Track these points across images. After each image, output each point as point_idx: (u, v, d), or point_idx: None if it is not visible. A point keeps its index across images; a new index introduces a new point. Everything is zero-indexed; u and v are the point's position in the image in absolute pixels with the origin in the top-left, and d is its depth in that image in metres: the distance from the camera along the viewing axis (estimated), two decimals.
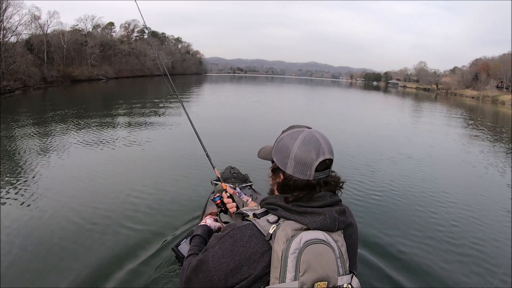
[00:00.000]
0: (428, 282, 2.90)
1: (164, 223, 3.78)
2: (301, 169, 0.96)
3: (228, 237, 0.98)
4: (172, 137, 8.86)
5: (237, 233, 0.97)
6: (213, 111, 15.55)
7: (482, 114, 27.56)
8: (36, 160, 6.17)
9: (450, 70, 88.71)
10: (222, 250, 0.97)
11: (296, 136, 0.99)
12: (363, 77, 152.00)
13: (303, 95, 34.25)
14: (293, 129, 1.03)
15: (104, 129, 9.44)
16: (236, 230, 0.98)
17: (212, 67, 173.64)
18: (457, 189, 5.53)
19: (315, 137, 0.99)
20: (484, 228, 4.00)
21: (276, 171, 1.04)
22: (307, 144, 0.97)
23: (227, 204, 1.59)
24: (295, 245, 0.90)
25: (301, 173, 0.97)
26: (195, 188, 4.86)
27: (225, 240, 0.98)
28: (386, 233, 3.74)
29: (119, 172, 5.69)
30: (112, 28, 63.08)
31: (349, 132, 11.39)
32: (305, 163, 0.96)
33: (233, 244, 0.96)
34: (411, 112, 24.33)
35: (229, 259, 0.95)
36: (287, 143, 1.00)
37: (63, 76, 38.11)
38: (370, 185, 5.41)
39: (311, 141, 0.97)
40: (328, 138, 1.01)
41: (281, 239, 0.91)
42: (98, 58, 48.56)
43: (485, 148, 10.29)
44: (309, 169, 0.96)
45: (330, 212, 0.96)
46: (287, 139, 1.01)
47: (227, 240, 0.98)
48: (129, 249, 3.20)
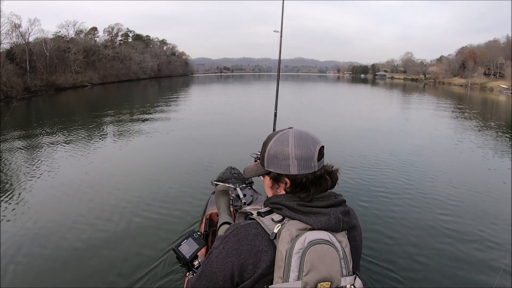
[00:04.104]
0: (428, 282, 2.92)
1: (165, 224, 3.84)
2: (305, 164, 0.97)
3: (232, 236, 0.97)
4: (167, 142, 8.83)
5: (241, 232, 0.96)
6: (206, 112, 15.50)
7: (484, 103, 27.97)
8: (24, 176, 6.01)
9: (437, 60, 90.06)
10: (227, 250, 0.96)
11: (285, 138, 1.00)
12: (351, 71, 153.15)
13: (291, 92, 34.25)
14: (276, 135, 1.03)
15: (94, 137, 9.36)
16: (240, 228, 0.98)
17: (199, 68, 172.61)
18: (457, 187, 5.42)
19: (303, 132, 1.01)
20: (484, 228, 3.99)
21: (278, 178, 1.02)
22: (301, 140, 0.98)
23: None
24: (299, 245, 0.90)
25: (307, 168, 0.97)
26: (195, 189, 4.93)
27: (229, 239, 0.97)
28: (386, 234, 3.76)
29: (118, 177, 5.69)
30: (96, 33, 62.24)
31: (338, 127, 11.47)
32: (307, 157, 0.97)
33: (237, 242, 0.95)
34: (405, 103, 24.61)
35: (234, 258, 0.94)
36: (280, 148, 0.99)
37: (47, 85, 37.21)
38: (370, 185, 5.42)
39: (302, 136, 0.99)
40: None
41: (285, 239, 0.91)
42: (82, 65, 47.80)
43: (486, 140, 10.00)
44: (312, 160, 0.97)
45: (335, 213, 0.96)
46: (277, 145, 1.00)
47: (231, 239, 0.97)
48: (130, 250, 3.28)
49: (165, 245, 3.26)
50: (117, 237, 3.58)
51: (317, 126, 10.93)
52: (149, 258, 3.06)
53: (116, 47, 62.42)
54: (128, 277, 2.81)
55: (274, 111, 3.80)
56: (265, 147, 1.04)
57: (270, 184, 1.05)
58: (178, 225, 3.73)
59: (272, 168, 1.02)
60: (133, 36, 75.92)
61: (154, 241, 3.38)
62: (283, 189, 1.02)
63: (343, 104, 22.06)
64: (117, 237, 3.58)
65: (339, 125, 11.81)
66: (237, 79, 76.77)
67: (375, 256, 3.21)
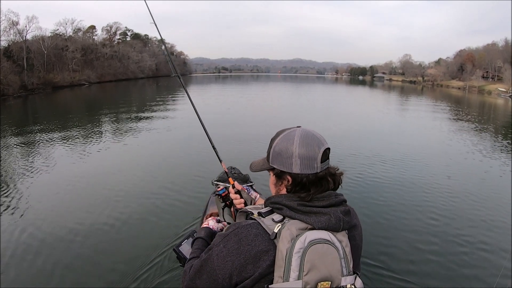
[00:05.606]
0: (428, 282, 2.93)
1: (165, 224, 3.84)
2: (308, 164, 0.98)
3: (233, 235, 0.98)
4: (167, 141, 8.79)
5: (242, 232, 0.97)
6: (204, 113, 15.33)
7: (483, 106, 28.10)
8: (23, 174, 6.00)
9: (435, 62, 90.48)
10: (227, 249, 0.97)
11: (291, 136, 1.01)
12: (349, 72, 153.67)
13: (289, 95, 34.26)
14: (283, 132, 1.05)
15: (93, 137, 9.30)
16: (241, 228, 0.98)
17: (197, 68, 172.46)
18: (457, 188, 5.41)
19: (309, 132, 1.02)
20: (484, 228, 4.00)
21: (281, 175, 1.03)
22: (306, 139, 0.99)
23: (235, 200, 1.58)
24: (300, 245, 0.90)
25: (309, 168, 0.98)
26: (196, 188, 4.92)
27: (230, 239, 0.98)
28: (386, 234, 3.77)
29: (117, 176, 5.69)
30: (94, 31, 61.97)
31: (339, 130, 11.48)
32: (311, 157, 0.98)
33: (238, 242, 0.96)
34: (403, 105, 24.68)
35: (234, 258, 0.95)
36: (285, 145, 1.01)
37: (44, 83, 37.09)
38: (370, 185, 5.42)
39: (308, 136, 1.00)
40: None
41: (285, 238, 0.91)
42: (79, 63, 47.66)
43: (485, 142, 10.01)
44: (315, 161, 0.98)
45: (335, 212, 0.97)
46: (283, 142, 1.02)
47: (232, 238, 0.98)
48: (130, 250, 3.28)
49: (165, 245, 3.25)
50: (117, 236, 3.57)
51: (316, 126, 10.90)
52: (149, 258, 3.05)
53: (114, 46, 62.26)
54: (128, 277, 2.81)
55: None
56: (272, 143, 1.06)
57: (274, 180, 1.07)
58: (178, 225, 3.72)
59: (276, 164, 1.03)
60: (131, 35, 75.79)
61: (154, 241, 3.37)
62: (285, 186, 1.03)
63: (343, 106, 22.07)
64: (117, 236, 3.57)
65: (339, 125, 11.83)
66: (235, 79, 76.69)
67: (375, 256, 3.21)
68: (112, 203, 4.44)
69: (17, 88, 30.09)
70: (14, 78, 30.86)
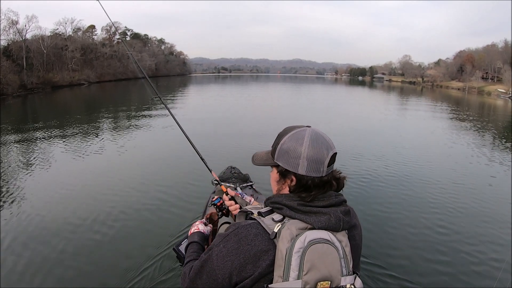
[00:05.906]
0: (428, 282, 2.93)
1: (164, 223, 3.85)
2: (315, 167, 0.97)
3: (233, 235, 0.98)
4: (167, 140, 8.76)
5: (242, 232, 0.97)
6: (204, 112, 15.44)
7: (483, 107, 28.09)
8: (22, 173, 5.99)
9: (435, 63, 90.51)
10: (227, 249, 0.97)
11: (301, 136, 0.99)
12: (348, 72, 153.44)
13: (289, 95, 34.25)
14: (293, 130, 1.02)
15: (92, 137, 9.26)
16: (241, 228, 0.98)
17: (196, 68, 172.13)
18: (457, 189, 5.42)
19: (320, 134, 1.00)
20: (484, 228, 4.00)
21: (285, 174, 1.01)
22: (316, 142, 0.98)
23: (230, 207, 1.57)
24: (300, 244, 0.90)
25: (315, 171, 0.97)
26: (196, 188, 4.92)
27: (230, 239, 0.98)
28: (386, 234, 3.77)
29: (117, 175, 5.69)
30: (93, 31, 61.87)
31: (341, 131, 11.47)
32: (318, 160, 0.96)
33: (238, 242, 0.96)
34: (405, 106, 24.68)
35: (234, 257, 0.95)
36: (294, 145, 0.99)
37: (43, 83, 37.02)
38: (371, 185, 5.42)
39: (318, 138, 0.99)
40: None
41: (285, 238, 0.91)
42: (79, 63, 47.57)
43: (488, 145, 9.98)
44: (322, 165, 0.97)
45: (335, 212, 0.96)
46: (292, 141, 1.00)
47: (232, 238, 0.97)
48: (130, 249, 3.29)
49: (165, 245, 3.26)
50: (116, 236, 3.57)
51: (316, 126, 10.88)
52: (149, 258, 3.05)
53: (114, 46, 62.18)
54: (127, 277, 2.81)
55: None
56: (279, 140, 1.03)
57: (277, 178, 1.05)
58: (178, 225, 3.72)
59: (281, 162, 1.01)
60: (131, 34, 75.70)
61: (154, 241, 3.37)
62: (288, 185, 1.02)
63: (343, 107, 22.08)
64: (116, 236, 3.57)
65: (340, 125, 11.83)
66: (235, 79, 76.64)
67: (375, 256, 3.21)
68: (112, 202, 4.44)
69: (16, 88, 30.04)
70: (13, 78, 30.79)
